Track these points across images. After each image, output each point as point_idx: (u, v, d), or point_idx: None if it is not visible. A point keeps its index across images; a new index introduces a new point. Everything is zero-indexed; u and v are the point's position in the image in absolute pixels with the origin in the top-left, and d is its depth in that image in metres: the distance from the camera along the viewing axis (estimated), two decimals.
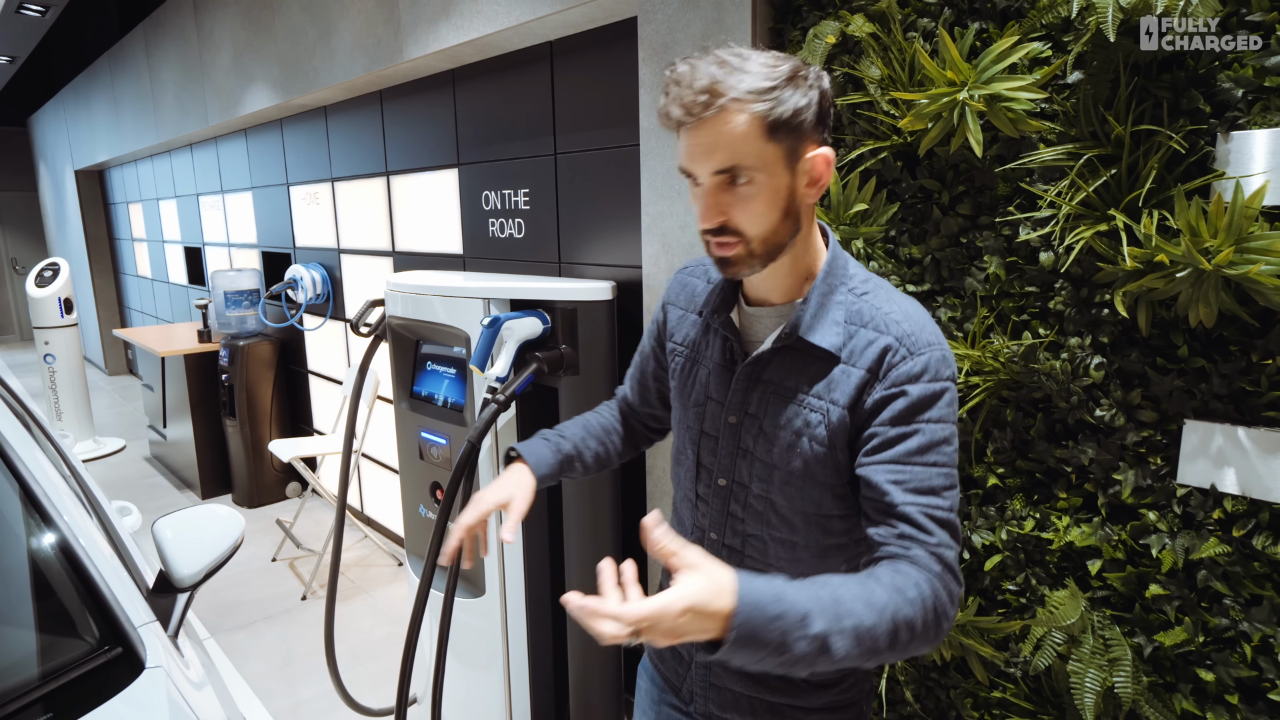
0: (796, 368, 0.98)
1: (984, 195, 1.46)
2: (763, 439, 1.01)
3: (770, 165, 0.89)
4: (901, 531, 0.89)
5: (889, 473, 0.91)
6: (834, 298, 0.97)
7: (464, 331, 1.98)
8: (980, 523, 1.53)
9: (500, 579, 2.07)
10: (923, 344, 0.93)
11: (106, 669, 1.25)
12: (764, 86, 0.86)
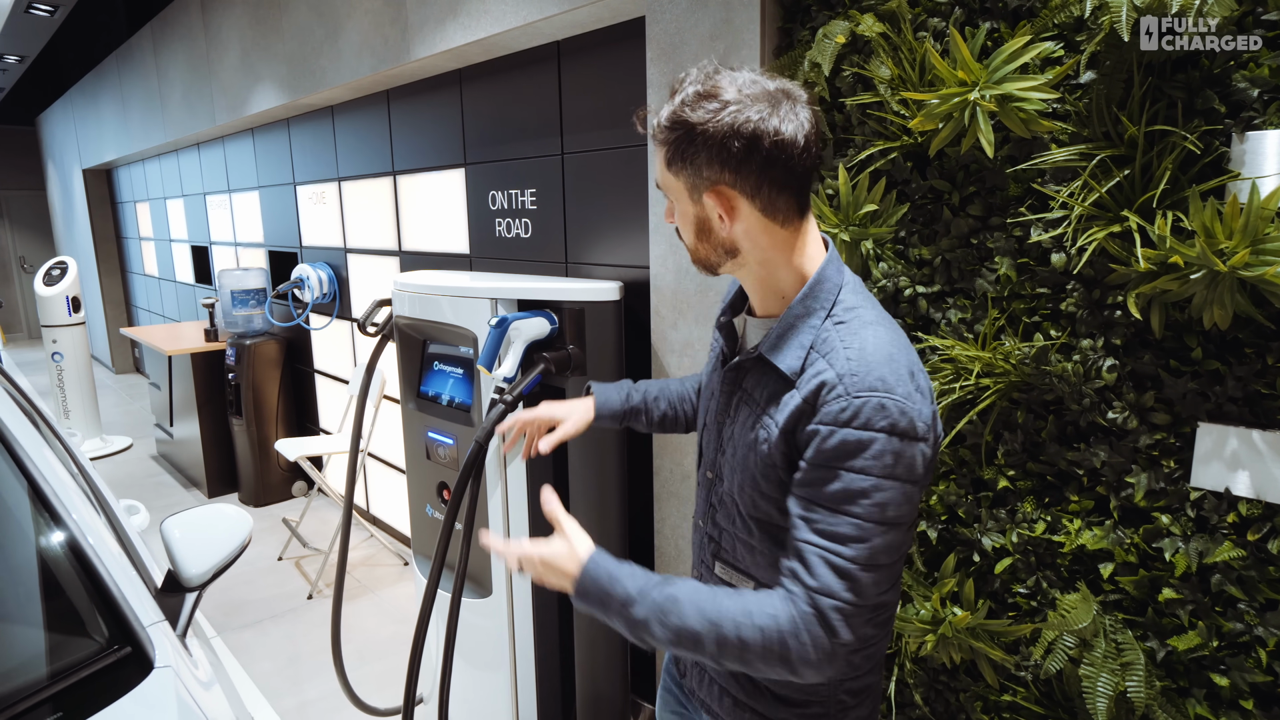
0: (763, 381, 1.00)
1: (994, 196, 1.45)
2: (732, 442, 1.05)
3: (676, 193, 0.98)
4: (791, 566, 0.91)
5: (799, 507, 0.92)
6: (808, 321, 0.96)
7: (471, 331, 1.98)
8: (990, 525, 1.52)
9: (507, 579, 2.07)
10: (862, 388, 0.87)
11: (115, 668, 1.25)
12: (664, 124, 0.94)
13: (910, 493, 0.89)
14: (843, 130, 1.64)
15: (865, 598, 0.88)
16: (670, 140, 0.93)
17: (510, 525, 2.04)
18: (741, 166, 0.91)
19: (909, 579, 1.62)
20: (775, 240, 0.97)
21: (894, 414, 0.86)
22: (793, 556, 0.92)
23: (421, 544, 2.34)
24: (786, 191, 0.93)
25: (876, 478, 0.86)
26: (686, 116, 0.91)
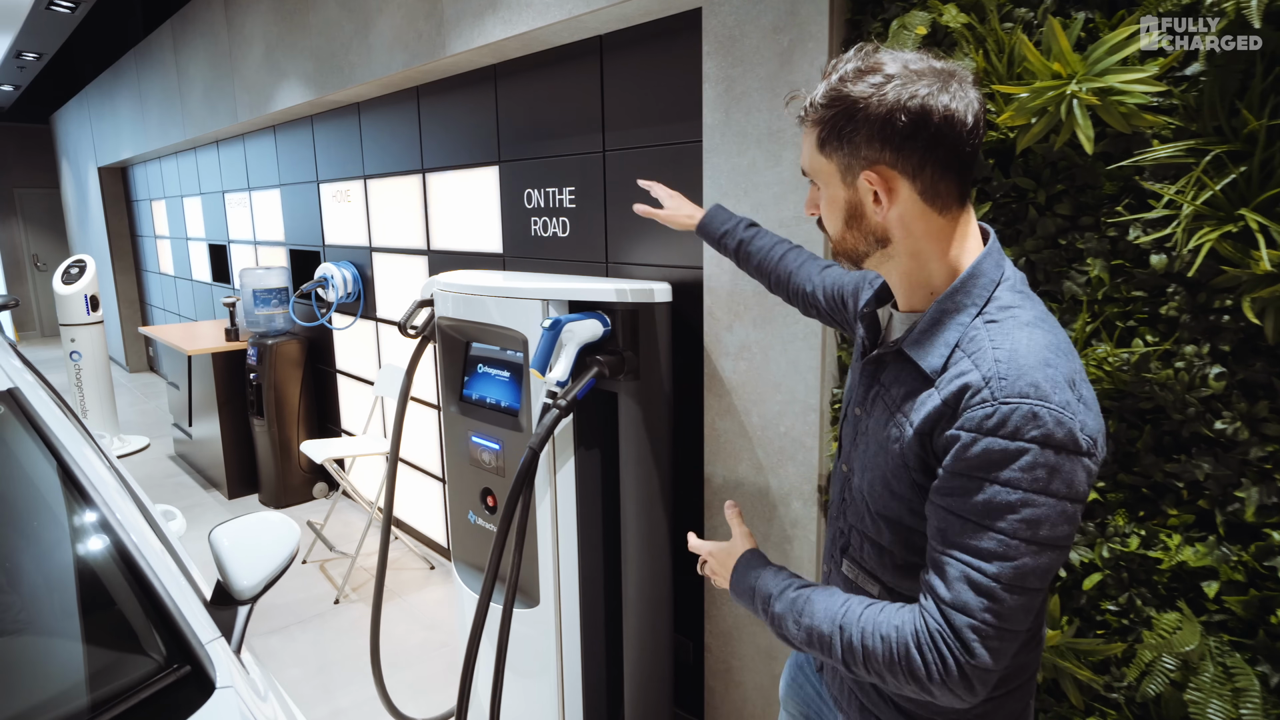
0: (901, 378, 0.95)
1: (1085, 194, 1.38)
2: (866, 436, 1.01)
3: (826, 177, 0.94)
4: (928, 579, 0.87)
5: (938, 518, 0.86)
6: (956, 318, 0.90)
7: (521, 333, 1.92)
8: (1077, 539, 1.46)
9: (555, 590, 2.01)
10: (1011, 393, 0.80)
11: (176, 689, 1.19)
12: (820, 102, 0.90)
13: (1069, 512, 0.81)
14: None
15: (1009, 622, 0.81)
16: (826, 118, 0.89)
17: (560, 533, 1.98)
18: (905, 144, 0.86)
19: None
20: (931, 229, 0.91)
21: (1048, 424, 0.79)
22: (930, 569, 0.87)
23: (462, 551, 2.28)
24: (949, 175, 0.88)
25: (1026, 491, 0.79)
26: (848, 91, 0.87)
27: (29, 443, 1.50)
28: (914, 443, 0.89)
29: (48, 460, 1.48)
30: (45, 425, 1.54)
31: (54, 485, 1.45)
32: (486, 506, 2.15)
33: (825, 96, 0.89)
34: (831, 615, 0.92)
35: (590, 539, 2.04)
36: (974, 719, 0.99)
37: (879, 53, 0.89)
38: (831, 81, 0.89)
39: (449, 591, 3.51)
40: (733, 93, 1.83)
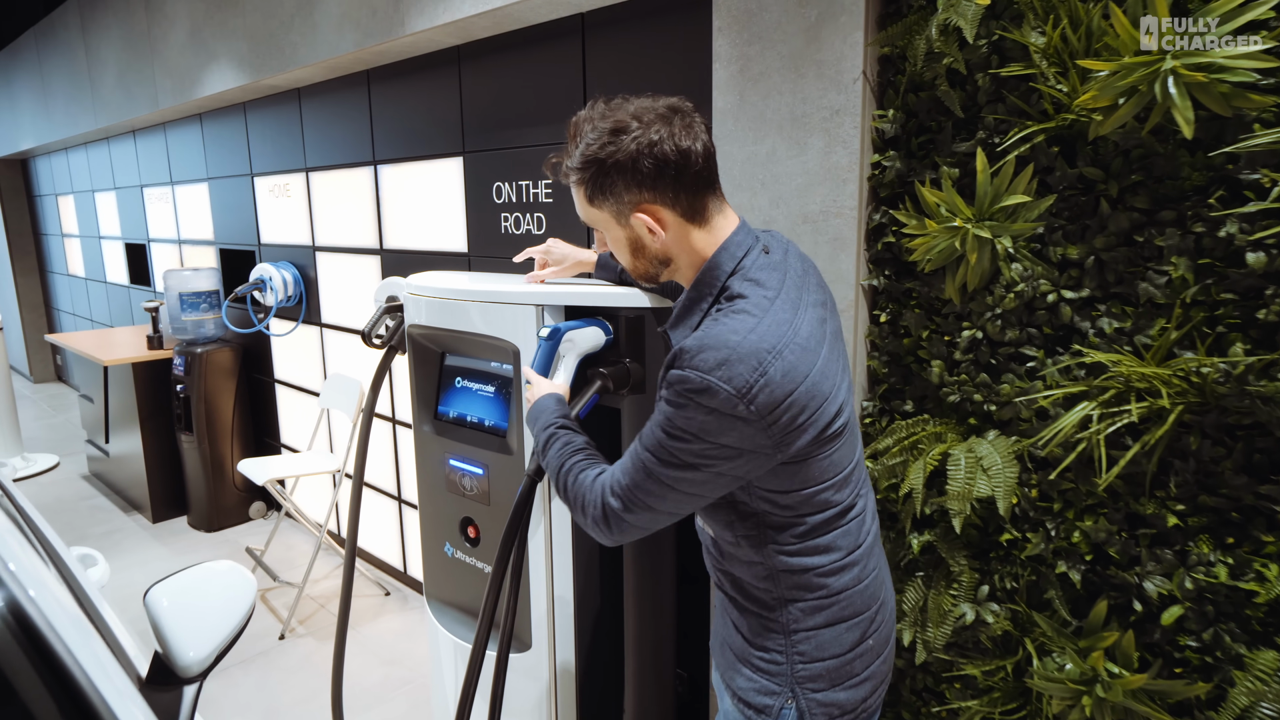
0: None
1: (1165, 185, 1.24)
2: None
3: (604, 224, 1.10)
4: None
5: None
6: (699, 305, 1.07)
7: (511, 343, 1.69)
8: (1152, 567, 1.32)
9: (549, 632, 1.78)
10: (710, 342, 0.95)
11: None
12: (576, 166, 1.05)
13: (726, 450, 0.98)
14: (966, 108, 1.42)
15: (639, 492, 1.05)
16: (586, 179, 1.05)
17: (554, 569, 1.76)
18: (657, 183, 1.02)
19: (1047, 628, 1.40)
20: (697, 240, 1.07)
21: (708, 391, 0.94)
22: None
23: (438, 587, 2.03)
24: (699, 193, 1.05)
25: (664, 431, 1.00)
26: (595, 154, 1.02)
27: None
28: None
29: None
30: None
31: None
32: (467, 538, 1.90)
33: (579, 161, 1.04)
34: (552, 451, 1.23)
35: (587, 574, 1.82)
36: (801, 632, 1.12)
37: (612, 109, 1.04)
38: (580, 148, 1.04)
39: (407, 621, 3.23)
40: (749, 73, 1.64)
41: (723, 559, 1.18)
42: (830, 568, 1.09)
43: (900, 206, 1.52)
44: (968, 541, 1.52)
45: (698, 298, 1.07)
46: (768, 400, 0.94)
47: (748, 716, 1.15)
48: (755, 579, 1.13)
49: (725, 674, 1.21)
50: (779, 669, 1.12)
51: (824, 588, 1.10)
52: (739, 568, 1.15)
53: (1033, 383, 1.40)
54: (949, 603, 1.49)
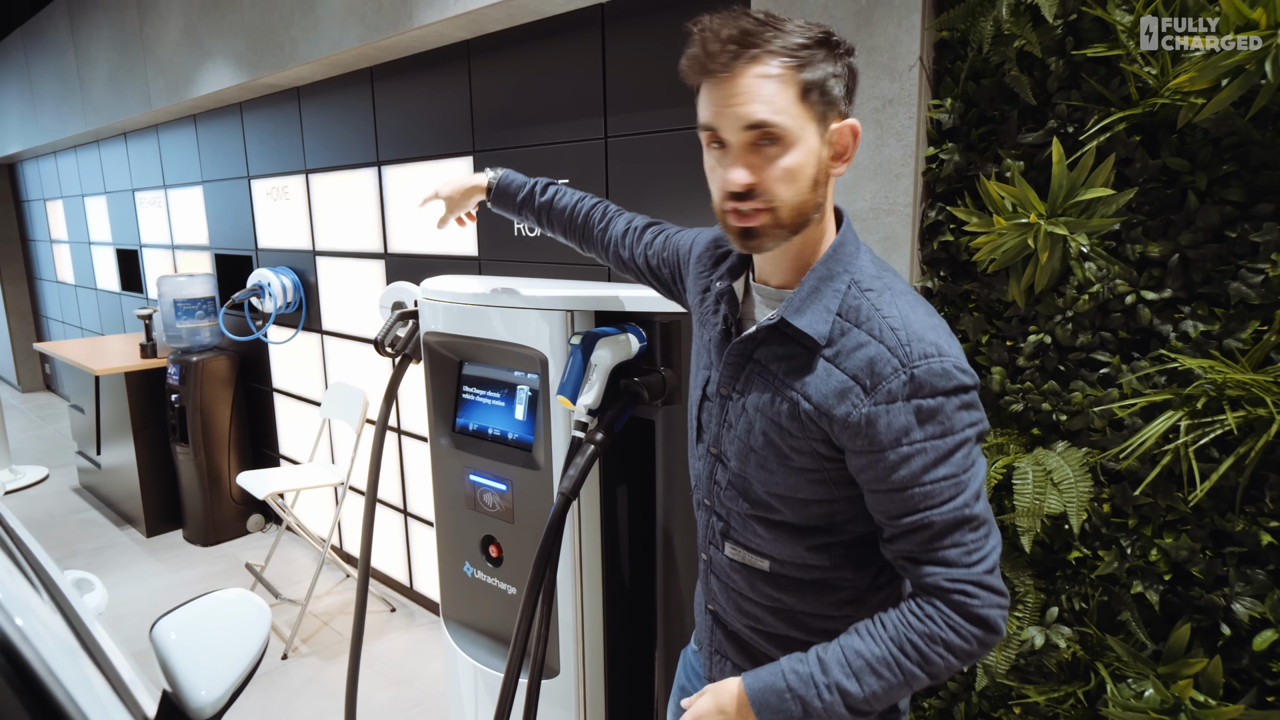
0: (782, 353, 0.96)
1: (1261, 176, 1.15)
2: (744, 417, 1.00)
3: (804, 128, 0.86)
4: (922, 556, 0.89)
5: (890, 497, 0.89)
6: (831, 284, 0.92)
7: (538, 351, 1.58)
8: (1241, 588, 1.22)
9: (577, 657, 1.67)
10: (916, 356, 0.86)
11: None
12: (798, 43, 0.84)
13: (982, 433, 0.90)
14: (1037, 95, 1.32)
15: (993, 532, 0.90)
16: (806, 64, 0.84)
17: (584, 591, 1.65)
18: (852, 103, 0.91)
19: (1122, 652, 1.31)
20: (831, 191, 0.94)
21: (952, 374, 0.86)
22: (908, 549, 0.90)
23: (455, 609, 1.92)
24: None
25: (958, 433, 0.86)
26: (826, 37, 0.86)
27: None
28: (812, 415, 0.91)
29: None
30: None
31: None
32: (489, 558, 1.79)
33: (809, 38, 0.85)
34: (876, 656, 0.88)
35: (618, 598, 1.71)
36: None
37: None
38: (807, 26, 0.86)
39: (415, 638, 3.11)
40: None
41: (785, 591, 1.04)
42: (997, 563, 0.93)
43: (959, 203, 1.42)
44: (1033, 561, 1.42)
45: (829, 276, 0.92)
46: (974, 376, 0.89)
47: None
48: (832, 605, 1.03)
49: None
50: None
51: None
52: (808, 596, 1.03)
53: (1107, 391, 1.31)
54: (1014, 626, 1.39)
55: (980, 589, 0.86)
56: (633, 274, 1.36)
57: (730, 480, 1.04)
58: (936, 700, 1.61)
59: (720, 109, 0.86)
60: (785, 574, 1.03)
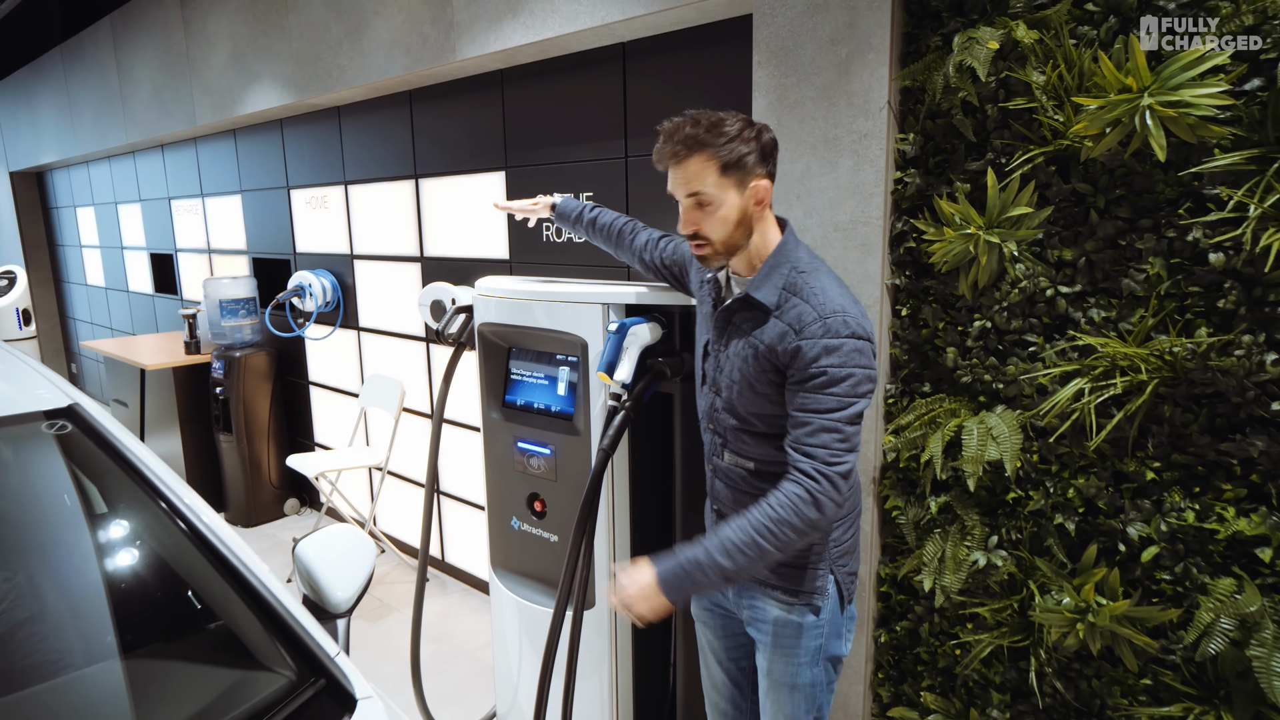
0: (748, 316, 1.43)
1: (1143, 199, 1.51)
2: (728, 361, 1.47)
3: (722, 192, 1.35)
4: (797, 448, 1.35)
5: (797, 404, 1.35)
6: (779, 271, 1.40)
7: (579, 337, 1.93)
8: (1133, 515, 1.58)
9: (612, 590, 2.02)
10: (830, 311, 1.32)
11: (315, 704, 1.16)
12: (720, 141, 1.32)
13: (870, 375, 1.33)
14: (977, 134, 1.68)
15: (850, 442, 1.32)
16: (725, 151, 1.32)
17: (616, 535, 2.00)
18: (769, 166, 1.38)
19: (1047, 570, 1.67)
20: (763, 217, 1.41)
21: (852, 323, 1.32)
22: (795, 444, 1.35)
23: (503, 557, 2.26)
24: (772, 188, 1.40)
25: (848, 367, 1.31)
26: (739, 133, 1.33)
27: (102, 458, 1.43)
28: (765, 353, 1.38)
29: (129, 479, 1.41)
30: (114, 439, 1.46)
31: (142, 501, 1.38)
32: (534, 511, 2.14)
33: (729, 133, 1.33)
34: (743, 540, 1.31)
35: (644, 537, 2.06)
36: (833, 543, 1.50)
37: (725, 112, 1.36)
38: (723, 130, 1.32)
39: (448, 604, 3.45)
40: (785, 101, 1.90)
41: (757, 477, 1.49)
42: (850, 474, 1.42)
43: (920, 216, 1.78)
44: (979, 501, 1.78)
45: (777, 264, 1.40)
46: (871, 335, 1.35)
47: (798, 605, 1.50)
48: None
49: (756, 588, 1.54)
50: (818, 556, 1.49)
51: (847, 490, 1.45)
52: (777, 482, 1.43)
53: (1034, 364, 1.67)
54: (964, 552, 1.75)
55: (827, 481, 1.30)
56: (652, 273, 1.84)
57: (723, 406, 1.50)
58: (905, 623, 1.96)
59: (674, 185, 1.39)
60: (765, 470, 1.49)
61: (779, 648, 1.54)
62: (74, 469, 1.42)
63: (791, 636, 1.52)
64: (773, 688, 1.58)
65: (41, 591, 1.26)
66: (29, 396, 1.46)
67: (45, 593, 1.26)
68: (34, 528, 1.34)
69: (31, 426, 1.40)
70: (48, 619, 1.23)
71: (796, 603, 1.51)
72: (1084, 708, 1.71)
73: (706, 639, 1.76)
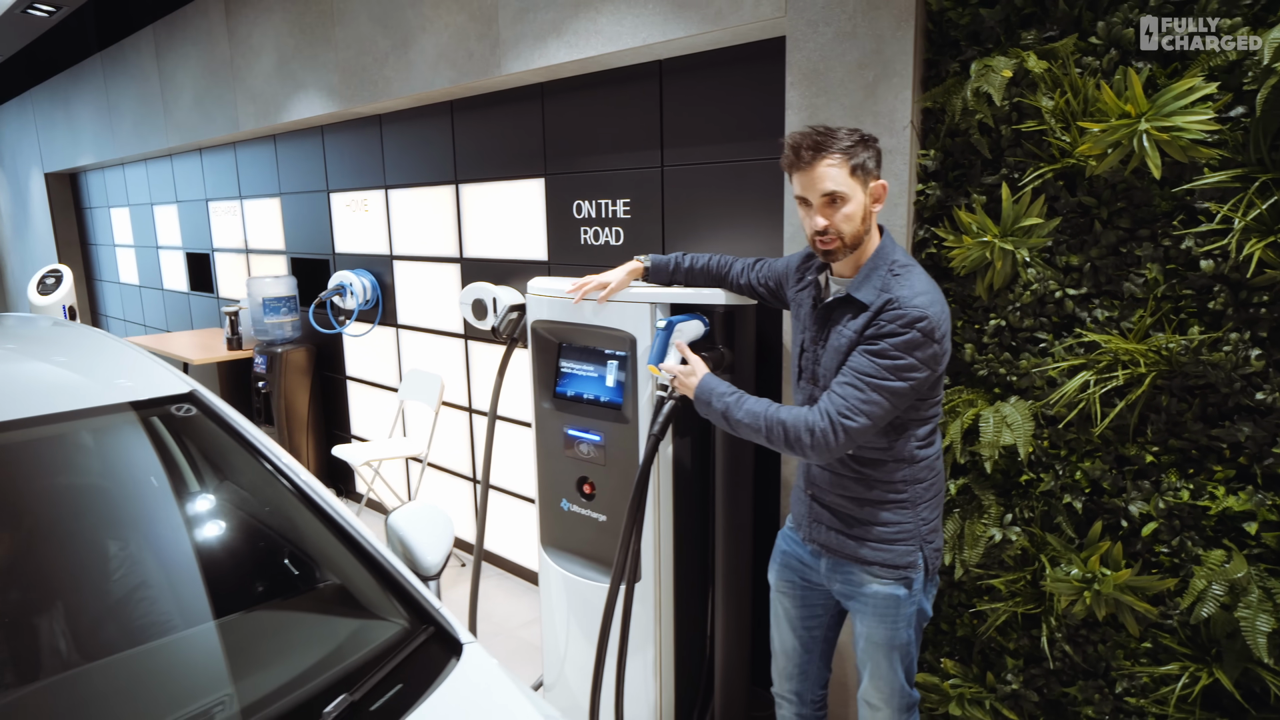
0: (846, 311, 1.62)
1: (1141, 211, 1.69)
2: (825, 355, 1.66)
3: (854, 191, 1.54)
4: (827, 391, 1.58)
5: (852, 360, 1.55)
6: (877, 272, 1.58)
7: (629, 333, 2.12)
8: (1134, 494, 1.76)
9: (656, 566, 2.21)
10: (908, 302, 1.50)
11: (428, 646, 1.35)
12: (847, 145, 1.53)
13: (917, 367, 1.50)
14: (992, 151, 1.87)
15: (868, 406, 1.51)
16: (853, 153, 1.53)
17: (661, 515, 2.19)
18: (879, 167, 1.60)
19: (1056, 544, 1.85)
20: (873, 219, 1.62)
21: (928, 324, 1.49)
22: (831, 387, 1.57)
23: (553, 537, 2.46)
24: None
25: (906, 357, 1.49)
26: (861, 138, 1.55)
27: (225, 439, 1.62)
28: (857, 340, 1.56)
29: (250, 455, 1.60)
30: (231, 420, 1.66)
31: (265, 476, 1.58)
32: (583, 494, 2.33)
33: (850, 142, 1.53)
34: (754, 412, 1.63)
35: (685, 518, 2.25)
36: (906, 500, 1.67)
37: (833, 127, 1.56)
38: (843, 136, 1.53)
39: (485, 587, 3.65)
40: (816, 119, 2.08)
41: (858, 463, 1.66)
42: (937, 455, 1.66)
43: (940, 225, 1.97)
44: (994, 483, 1.97)
45: (875, 267, 1.58)
46: (944, 331, 1.52)
47: (895, 580, 1.67)
48: (889, 473, 1.64)
49: (855, 565, 1.71)
50: (911, 535, 1.67)
51: (934, 470, 1.67)
52: (877, 467, 1.65)
53: (1044, 359, 1.85)
54: (981, 529, 1.94)
55: (831, 429, 1.52)
56: (747, 293, 2.05)
57: (821, 387, 1.66)
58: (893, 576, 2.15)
59: (805, 187, 1.56)
60: (862, 453, 1.65)
61: (879, 616, 1.71)
62: (200, 447, 1.62)
63: (891, 607, 1.69)
64: (872, 649, 1.75)
65: (182, 554, 1.46)
66: (156, 384, 1.65)
67: (185, 555, 1.46)
68: (169, 499, 1.54)
69: (163, 409, 1.60)
70: (188, 578, 1.43)
71: (893, 578, 1.67)
72: (1091, 669, 1.89)
73: (784, 607, 1.92)
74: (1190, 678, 1.71)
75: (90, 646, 1.27)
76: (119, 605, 1.36)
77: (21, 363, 1.77)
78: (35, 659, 1.23)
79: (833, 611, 1.89)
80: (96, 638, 1.28)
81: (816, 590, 1.85)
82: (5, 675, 1.18)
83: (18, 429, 1.43)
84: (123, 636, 1.28)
